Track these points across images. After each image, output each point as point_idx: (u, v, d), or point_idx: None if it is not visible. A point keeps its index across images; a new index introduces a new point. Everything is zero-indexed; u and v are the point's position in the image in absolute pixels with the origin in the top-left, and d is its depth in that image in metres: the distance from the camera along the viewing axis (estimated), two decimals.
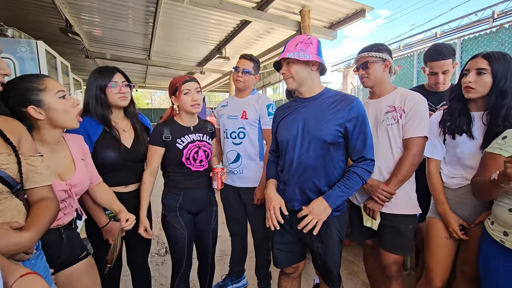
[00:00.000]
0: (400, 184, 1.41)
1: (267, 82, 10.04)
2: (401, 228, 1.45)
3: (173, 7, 3.81)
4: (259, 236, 1.95)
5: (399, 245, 1.48)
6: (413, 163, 1.39)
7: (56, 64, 3.11)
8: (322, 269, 1.39)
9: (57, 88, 1.00)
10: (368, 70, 1.50)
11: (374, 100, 1.57)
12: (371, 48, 1.51)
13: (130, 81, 1.48)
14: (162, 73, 8.83)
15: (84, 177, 1.16)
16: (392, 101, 1.48)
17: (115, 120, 1.46)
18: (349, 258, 2.55)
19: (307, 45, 1.25)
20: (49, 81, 1.01)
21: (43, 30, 4.55)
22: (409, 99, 1.42)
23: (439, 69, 1.73)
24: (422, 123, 1.39)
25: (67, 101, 1.02)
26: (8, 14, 4.00)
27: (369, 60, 1.49)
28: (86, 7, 3.87)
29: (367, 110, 1.54)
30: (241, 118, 1.86)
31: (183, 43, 5.54)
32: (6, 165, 0.77)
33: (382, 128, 1.49)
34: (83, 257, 1.18)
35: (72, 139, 1.19)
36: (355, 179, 1.23)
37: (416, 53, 6.54)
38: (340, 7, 3.79)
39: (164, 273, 2.37)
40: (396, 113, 1.44)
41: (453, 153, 1.40)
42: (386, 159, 1.47)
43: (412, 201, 1.48)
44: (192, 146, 1.54)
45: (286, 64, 1.29)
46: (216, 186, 1.62)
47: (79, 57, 6.18)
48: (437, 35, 8.04)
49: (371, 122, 1.51)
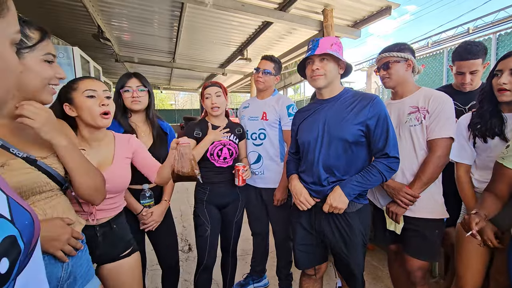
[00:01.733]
0: (425, 187, 1.36)
1: (288, 82, 9.99)
2: (426, 233, 1.40)
3: (197, 11, 3.92)
4: (280, 236, 1.96)
5: (424, 251, 1.42)
6: (438, 165, 1.34)
7: (89, 68, 3.31)
8: (345, 272, 1.37)
9: (86, 87, 1.05)
10: (389, 70, 1.47)
11: (397, 100, 1.52)
12: (392, 48, 1.48)
13: (146, 86, 1.52)
14: (185, 75, 9.09)
15: (120, 174, 1.17)
16: (416, 101, 1.43)
17: (136, 123, 1.53)
18: (373, 262, 2.49)
19: (339, 48, 1.30)
20: (83, 82, 1.06)
21: (77, 36, 4.86)
22: (433, 99, 1.38)
23: (467, 69, 1.64)
24: (448, 123, 1.34)
25: (93, 100, 1.05)
26: (47, 22, 4.31)
27: (390, 60, 1.46)
28: (116, 13, 4.09)
29: (389, 111, 1.51)
30: (262, 119, 1.88)
31: (206, 46, 5.67)
32: (56, 164, 0.85)
33: (405, 130, 1.44)
34: (127, 254, 1.20)
35: (123, 139, 1.23)
36: (374, 172, 1.22)
37: (446, 50, 6.24)
38: (364, 5, 3.70)
39: (188, 269, 2.45)
40: (419, 114, 1.40)
41: (485, 157, 1.34)
42: (410, 161, 1.42)
43: (439, 205, 1.42)
44: (218, 143, 1.68)
45: (320, 61, 1.28)
46: (237, 183, 1.68)
47: (110, 61, 6.52)
48: (470, 31, 7.56)
49: (394, 123, 1.47)
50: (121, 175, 1.18)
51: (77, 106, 1.04)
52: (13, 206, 0.36)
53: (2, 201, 0.35)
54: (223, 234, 1.83)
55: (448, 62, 5.90)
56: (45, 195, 0.82)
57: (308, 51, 1.31)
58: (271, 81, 1.91)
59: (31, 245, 0.38)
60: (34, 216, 0.39)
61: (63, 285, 0.84)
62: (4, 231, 0.33)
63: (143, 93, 1.49)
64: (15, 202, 0.37)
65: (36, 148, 0.83)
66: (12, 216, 0.35)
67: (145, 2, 3.70)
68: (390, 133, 1.22)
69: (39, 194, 0.81)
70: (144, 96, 1.50)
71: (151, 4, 3.77)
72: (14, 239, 0.34)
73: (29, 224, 0.38)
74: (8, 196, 0.36)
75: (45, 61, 0.79)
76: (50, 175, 0.82)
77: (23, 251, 0.35)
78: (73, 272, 0.87)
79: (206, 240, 1.67)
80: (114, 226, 1.19)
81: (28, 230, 0.37)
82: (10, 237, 0.33)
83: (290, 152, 1.56)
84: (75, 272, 0.88)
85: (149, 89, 1.54)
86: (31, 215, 0.39)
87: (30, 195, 0.78)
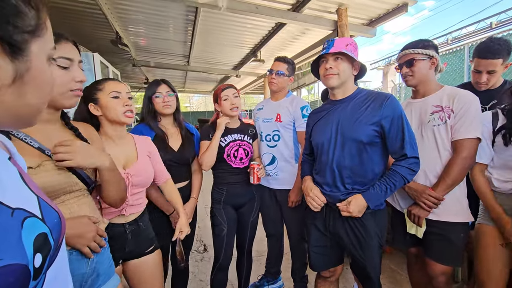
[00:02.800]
0: (449, 189, 1.32)
1: (301, 83, 9.93)
2: (451, 237, 1.35)
3: (211, 15, 3.97)
4: (295, 238, 1.95)
5: (448, 255, 1.38)
6: (464, 166, 1.30)
7: (109, 73, 3.43)
8: (361, 274, 1.35)
9: (111, 89, 1.15)
10: (413, 68, 1.42)
11: (418, 100, 1.48)
12: (416, 44, 1.44)
13: (174, 91, 1.63)
14: (200, 78, 9.22)
15: (145, 169, 1.26)
16: (439, 100, 1.38)
17: (166, 126, 1.63)
18: (391, 266, 2.42)
19: (355, 49, 1.28)
20: (109, 83, 1.16)
21: (97, 42, 5.05)
22: (458, 98, 1.33)
23: (483, 68, 1.58)
24: (474, 123, 1.29)
25: (117, 100, 1.15)
26: (69, 29, 4.51)
27: (415, 58, 1.41)
28: (133, 19, 4.22)
29: (410, 110, 1.48)
30: (276, 121, 1.88)
31: (219, 48, 5.74)
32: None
33: (428, 130, 1.40)
34: (150, 251, 1.29)
35: (141, 139, 1.34)
36: (396, 178, 1.19)
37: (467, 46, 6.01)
38: (380, 3, 3.63)
39: (203, 270, 2.48)
40: (443, 113, 1.35)
41: (505, 157, 1.29)
42: (433, 162, 1.38)
43: (464, 207, 1.38)
44: (234, 144, 1.72)
45: (334, 60, 1.27)
46: (253, 181, 1.71)
47: (127, 65, 6.72)
48: (492, 25, 7.24)
49: (415, 123, 1.45)
50: (147, 170, 1.27)
51: (102, 105, 1.14)
52: (43, 206, 0.39)
53: (33, 201, 0.38)
54: (238, 234, 1.85)
55: (469, 58, 5.68)
56: (73, 194, 0.87)
57: (323, 50, 1.30)
58: (285, 83, 1.90)
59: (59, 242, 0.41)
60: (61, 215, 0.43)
61: (87, 280, 0.88)
62: (37, 229, 0.35)
63: (172, 98, 1.60)
64: (44, 202, 0.40)
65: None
66: (42, 215, 0.38)
67: (160, 8, 3.80)
68: (406, 133, 1.19)
69: (69, 194, 0.86)
70: (173, 101, 1.61)
71: (166, 10, 3.87)
72: (46, 236, 0.37)
73: (57, 223, 0.41)
74: (38, 196, 0.39)
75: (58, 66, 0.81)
76: (79, 176, 0.87)
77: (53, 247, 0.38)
78: (97, 268, 0.91)
79: (222, 240, 1.70)
80: (140, 223, 1.27)
81: (56, 228, 0.40)
82: (42, 234, 0.36)
83: (305, 154, 1.56)
84: (99, 269, 0.92)
85: (176, 93, 1.65)
86: (59, 214, 0.42)
87: (61, 194, 0.84)
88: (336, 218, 1.32)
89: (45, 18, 0.39)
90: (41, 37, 0.38)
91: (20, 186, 0.38)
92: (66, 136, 0.90)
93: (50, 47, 0.41)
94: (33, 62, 0.37)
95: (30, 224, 0.34)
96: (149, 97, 1.58)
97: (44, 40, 0.39)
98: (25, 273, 0.32)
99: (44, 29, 0.39)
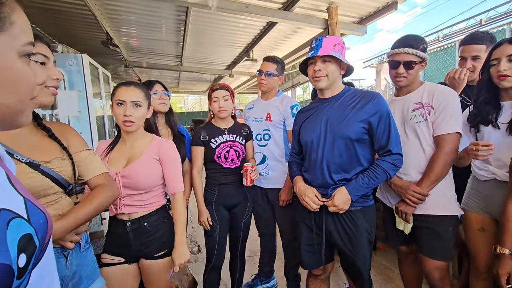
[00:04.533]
0: (434, 185, 1.33)
1: (296, 82, 9.96)
2: (438, 230, 1.37)
3: (202, 14, 3.96)
4: (287, 237, 1.95)
5: (438, 249, 1.38)
6: (447, 161, 1.31)
7: (99, 74, 3.39)
8: (352, 271, 1.36)
9: (118, 97, 1.19)
10: (410, 70, 1.38)
11: (401, 97, 1.49)
12: (416, 43, 1.37)
13: (167, 90, 1.71)
14: (193, 78, 9.19)
15: (141, 172, 1.20)
16: (420, 97, 1.40)
17: (158, 127, 1.66)
18: (383, 263, 2.44)
19: (342, 48, 1.30)
20: (118, 90, 1.21)
21: (86, 44, 5.00)
22: (437, 94, 1.34)
23: (468, 53, 1.61)
24: (453, 118, 1.31)
25: (120, 108, 1.19)
26: (58, 31, 4.46)
27: (415, 61, 1.37)
28: (124, 20, 4.18)
29: (393, 108, 1.49)
30: (266, 120, 1.88)
31: (212, 48, 5.72)
32: (60, 168, 0.88)
33: (410, 127, 1.41)
34: (159, 256, 1.22)
35: (160, 142, 1.29)
36: (378, 171, 1.22)
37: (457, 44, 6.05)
38: (370, 1, 3.65)
39: (197, 270, 2.47)
40: (424, 110, 1.37)
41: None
42: (417, 159, 1.40)
43: (451, 201, 1.39)
44: (224, 146, 1.71)
45: (322, 62, 1.28)
46: (245, 183, 1.69)
47: (119, 66, 6.67)
48: (482, 22, 7.33)
49: (398, 121, 1.44)
50: (143, 173, 1.21)
51: (112, 109, 1.23)
52: (29, 207, 0.40)
53: (19, 202, 0.39)
54: (231, 234, 1.84)
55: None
56: (50, 198, 0.86)
57: (311, 51, 1.30)
58: (275, 83, 1.90)
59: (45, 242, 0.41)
60: (47, 216, 0.43)
61: (67, 284, 0.87)
62: (22, 230, 0.36)
63: (167, 97, 1.69)
64: (31, 203, 0.41)
65: (39, 153, 0.85)
66: (28, 216, 0.39)
67: (151, 8, 3.77)
68: (392, 130, 1.23)
69: (44, 197, 0.84)
70: (168, 99, 1.70)
71: (157, 10, 3.84)
72: (31, 237, 0.38)
73: (43, 223, 0.41)
74: (24, 197, 0.40)
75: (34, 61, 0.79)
76: (54, 179, 0.85)
77: (38, 247, 0.39)
78: (78, 272, 0.90)
79: (215, 241, 1.70)
80: (145, 224, 1.22)
81: (42, 228, 0.41)
82: (27, 235, 0.37)
83: (292, 153, 1.56)
84: (81, 272, 0.91)
85: (169, 94, 1.71)
86: (45, 215, 0.43)
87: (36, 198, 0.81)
88: (326, 215, 1.32)
89: (9, 12, 0.38)
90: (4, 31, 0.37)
91: (7, 187, 0.38)
92: (38, 137, 0.88)
93: (21, 43, 0.39)
94: None
95: (15, 225, 0.35)
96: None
97: (9, 35, 0.38)
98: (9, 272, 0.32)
99: (7, 24, 0.37)
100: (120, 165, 1.22)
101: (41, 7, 3.53)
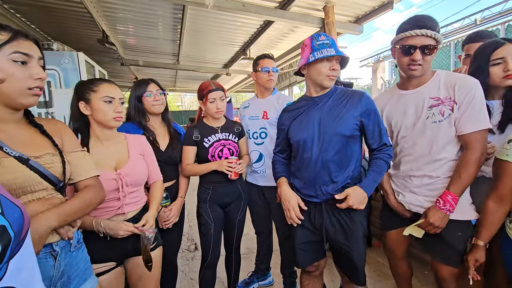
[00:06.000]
0: (465, 188, 1.20)
1: (293, 80, 9.96)
2: (444, 233, 1.25)
3: (198, 13, 3.95)
4: (283, 234, 1.97)
5: (442, 253, 1.29)
6: (480, 163, 1.17)
7: (95, 72, 3.38)
8: (348, 266, 1.38)
9: (105, 93, 1.17)
10: (429, 56, 1.18)
11: (410, 91, 1.31)
12: (432, 24, 1.16)
13: (163, 89, 1.65)
14: (190, 76, 9.15)
15: (138, 169, 1.27)
16: (436, 91, 1.22)
17: (153, 125, 1.64)
18: (378, 259, 2.47)
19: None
20: (104, 86, 1.18)
21: (82, 42, 4.96)
22: (459, 85, 1.16)
23: (473, 51, 1.62)
24: (482, 112, 1.15)
25: (110, 105, 1.17)
26: (53, 29, 4.42)
27: (435, 45, 1.17)
28: (121, 18, 4.15)
29: (403, 105, 1.34)
30: (262, 119, 1.89)
31: (209, 47, 5.71)
32: (50, 164, 0.85)
33: (427, 127, 1.25)
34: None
35: (133, 138, 1.34)
36: (383, 165, 1.30)
37: (453, 43, 6.12)
38: (366, 0, 3.66)
39: (194, 268, 2.48)
40: (444, 107, 1.19)
41: None
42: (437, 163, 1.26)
43: (463, 205, 1.24)
44: (218, 144, 1.71)
45: (337, 62, 1.30)
46: (230, 177, 1.67)
47: (115, 65, 6.62)
48: (477, 22, 7.40)
49: (411, 120, 1.30)
50: (140, 169, 1.29)
51: (93, 107, 1.16)
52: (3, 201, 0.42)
53: None
54: (226, 232, 1.85)
55: (455, 55, 5.78)
56: (38, 194, 0.82)
57: (327, 47, 1.24)
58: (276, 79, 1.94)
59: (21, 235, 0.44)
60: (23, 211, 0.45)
61: (56, 283, 0.86)
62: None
63: (162, 97, 1.63)
64: (5, 198, 0.43)
65: (30, 148, 0.83)
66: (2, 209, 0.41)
67: (147, 6, 3.75)
68: (382, 125, 1.31)
69: (31, 193, 0.81)
70: (163, 99, 1.64)
71: (154, 8, 3.82)
72: (5, 228, 0.40)
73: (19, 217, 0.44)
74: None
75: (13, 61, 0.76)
76: (43, 175, 0.82)
77: (14, 239, 0.41)
78: (67, 271, 0.89)
79: (209, 239, 1.71)
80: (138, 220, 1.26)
81: (18, 222, 0.43)
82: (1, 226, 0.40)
83: (277, 151, 1.56)
84: (69, 272, 0.90)
85: (165, 92, 1.66)
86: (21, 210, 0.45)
87: (21, 194, 0.79)
88: (321, 212, 1.34)
89: None
90: None
91: None
92: (30, 134, 0.87)
93: None
94: None
95: None
96: (138, 96, 1.57)
97: None
98: None
99: None
100: (108, 166, 1.19)
101: (36, 5, 3.50)
